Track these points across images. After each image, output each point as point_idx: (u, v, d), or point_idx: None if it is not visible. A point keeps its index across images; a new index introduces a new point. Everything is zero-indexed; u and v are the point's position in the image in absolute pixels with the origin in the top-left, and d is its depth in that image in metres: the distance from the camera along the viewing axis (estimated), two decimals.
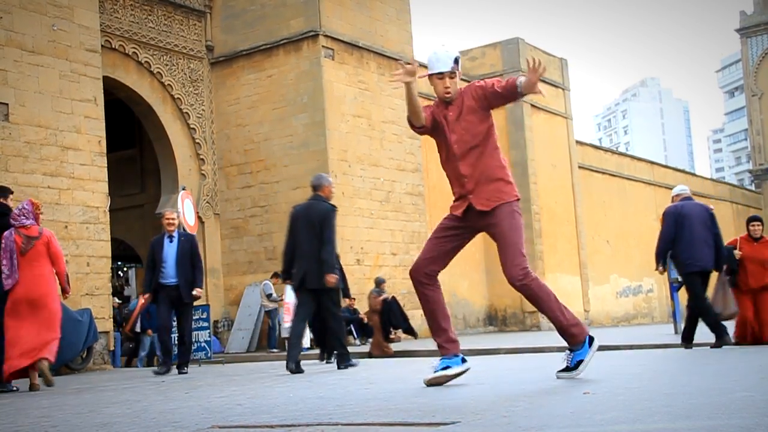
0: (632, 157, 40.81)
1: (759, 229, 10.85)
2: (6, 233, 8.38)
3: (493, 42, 29.71)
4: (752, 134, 51.05)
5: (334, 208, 9.32)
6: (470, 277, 26.70)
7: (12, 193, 9.63)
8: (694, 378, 5.24)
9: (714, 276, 10.30)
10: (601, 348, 13.34)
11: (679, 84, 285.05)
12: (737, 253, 10.65)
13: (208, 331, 15.47)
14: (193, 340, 15.13)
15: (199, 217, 19.64)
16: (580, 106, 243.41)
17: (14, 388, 8.47)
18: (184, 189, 15.71)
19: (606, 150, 39.93)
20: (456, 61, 5.36)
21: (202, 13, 21.96)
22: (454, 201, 5.45)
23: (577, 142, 32.86)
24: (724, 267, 10.20)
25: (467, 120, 5.31)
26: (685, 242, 9.85)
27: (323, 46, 20.75)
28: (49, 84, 15.29)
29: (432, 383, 5.29)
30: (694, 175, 47.46)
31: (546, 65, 5.32)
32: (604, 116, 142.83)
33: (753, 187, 52.18)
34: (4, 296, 8.27)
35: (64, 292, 8.83)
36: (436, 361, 5.52)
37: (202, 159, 21.53)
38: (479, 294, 27.55)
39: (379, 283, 17.61)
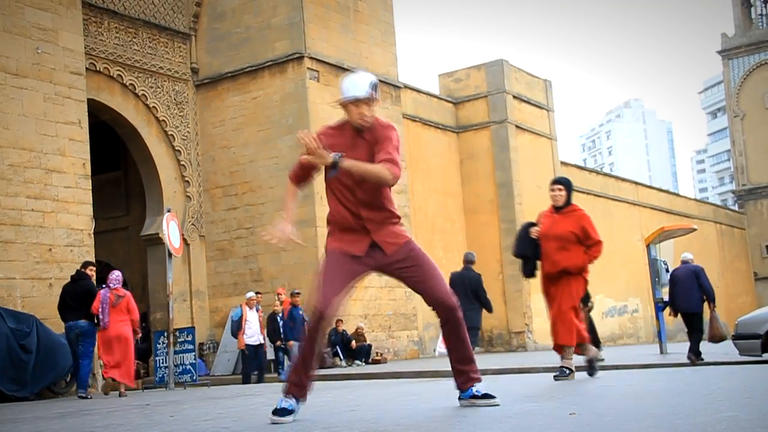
0: (617, 177, 41.06)
1: (561, 195, 8.18)
2: (103, 291, 12.32)
3: (477, 64, 29.88)
4: (735, 155, 51.46)
5: (480, 276, 13.05)
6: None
7: (95, 266, 13.59)
8: (680, 398, 5.24)
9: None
10: (587, 368, 13.33)
11: (662, 105, 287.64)
12: (534, 230, 8.27)
13: (194, 353, 15.38)
14: (179, 362, 15.08)
15: (184, 239, 19.57)
16: (565, 127, 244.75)
17: (89, 396, 11.98)
18: (169, 211, 15.66)
19: (590, 171, 40.16)
20: (374, 87, 4.99)
21: (187, 36, 21.99)
22: (340, 233, 5.08)
23: (562, 162, 33.01)
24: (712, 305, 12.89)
25: (370, 153, 4.96)
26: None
27: (308, 68, 20.81)
28: (34, 107, 15.25)
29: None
30: (678, 195, 47.71)
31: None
32: (588, 137, 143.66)
33: (736, 208, 52.52)
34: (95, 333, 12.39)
35: (136, 333, 12.64)
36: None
37: (187, 181, 21.49)
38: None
39: None
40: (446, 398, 6.32)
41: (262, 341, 16.28)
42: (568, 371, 7.93)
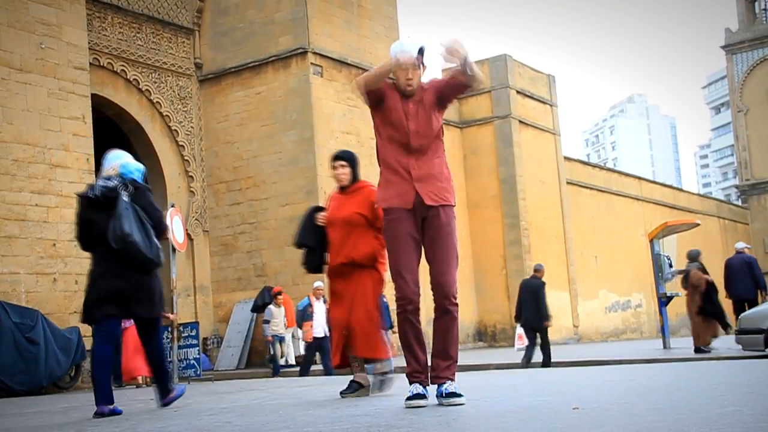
0: (620, 172, 41.02)
1: (345, 173, 6.83)
2: None
3: (481, 59, 29.84)
4: (738, 150, 51.34)
5: (543, 283, 15.18)
6: (459, 293, 26.66)
7: None
8: (683, 393, 5.25)
9: None
10: (591, 363, 13.36)
11: (666, 100, 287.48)
12: (320, 216, 6.92)
13: (198, 348, 15.40)
14: (183, 357, 15.12)
15: (188, 235, 19.58)
16: (568, 123, 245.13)
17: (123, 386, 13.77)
18: (173, 206, 15.65)
19: (594, 166, 40.12)
20: (421, 51, 5.14)
21: (191, 31, 21.99)
22: (387, 190, 5.24)
23: (565, 158, 32.98)
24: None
25: (427, 114, 5.20)
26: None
27: (312, 63, 20.81)
28: (37, 102, 15.27)
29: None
30: (681, 190, 47.65)
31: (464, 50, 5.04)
32: (591, 132, 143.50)
33: (740, 203, 52.43)
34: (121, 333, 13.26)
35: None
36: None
37: (191, 176, 21.50)
38: (469, 309, 27.53)
39: (695, 256, 15.43)
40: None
41: (328, 333, 15.85)
42: (357, 386, 6.76)
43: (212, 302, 21.64)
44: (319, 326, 15.56)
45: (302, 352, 18.11)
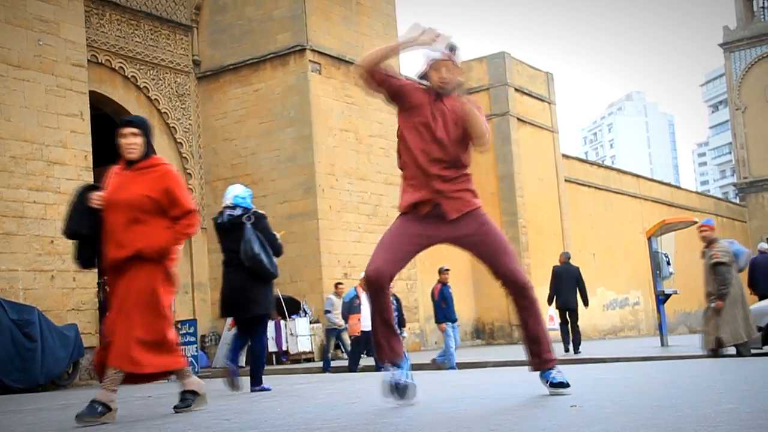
0: (618, 170, 40.99)
1: (137, 144, 5.64)
2: None
3: (479, 56, 29.83)
4: (736, 148, 51.35)
5: (579, 268, 16.65)
6: (457, 290, 26.60)
7: None
8: (680, 391, 5.25)
9: None
10: (589, 361, 13.37)
11: (664, 98, 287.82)
12: (95, 197, 5.59)
13: (195, 345, 15.41)
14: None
15: None
16: (566, 120, 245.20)
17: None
18: None
19: (592, 163, 40.10)
20: (451, 48, 4.96)
21: (189, 28, 21.97)
22: (409, 199, 4.95)
23: (564, 155, 32.98)
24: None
25: (458, 127, 4.93)
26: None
27: (310, 61, 20.79)
28: (35, 99, 15.25)
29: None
30: (679, 188, 47.64)
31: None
32: (590, 130, 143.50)
33: (737, 200, 52.46)
34: None
35: None
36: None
37: (189, 173, 21.49)
38: (467, 307, 27.53)
39: None
40: (448, 390, 6.35)
41: None
42: (100, 408, 5.32)
43: (210, 300, 21.62)
44: (367, 319, 15.27)
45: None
